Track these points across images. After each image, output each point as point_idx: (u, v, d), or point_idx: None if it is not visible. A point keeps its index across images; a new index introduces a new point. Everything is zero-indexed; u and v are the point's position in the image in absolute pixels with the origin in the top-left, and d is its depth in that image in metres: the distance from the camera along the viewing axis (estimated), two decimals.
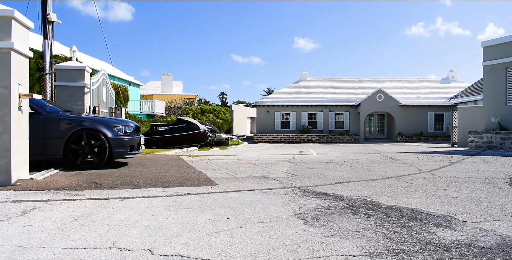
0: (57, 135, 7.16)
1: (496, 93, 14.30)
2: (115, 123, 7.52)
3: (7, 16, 5.30)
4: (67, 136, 7.14)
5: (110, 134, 7.29)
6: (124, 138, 7.50)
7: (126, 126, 7.66)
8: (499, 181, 5.94)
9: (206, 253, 2.60)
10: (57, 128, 7.19)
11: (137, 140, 7.90)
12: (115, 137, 7.34)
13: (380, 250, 2.67)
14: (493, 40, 14.61)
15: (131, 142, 7.65)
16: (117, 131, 7.43)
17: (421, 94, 33.32)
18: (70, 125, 7.20)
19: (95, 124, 7.29)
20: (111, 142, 7.26)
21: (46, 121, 7.17)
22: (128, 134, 7.65)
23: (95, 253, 2.60)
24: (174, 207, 4.11)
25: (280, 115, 33.51)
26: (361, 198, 4.60)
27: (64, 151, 7.16)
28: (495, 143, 13.63)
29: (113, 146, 7.28)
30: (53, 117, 7.32)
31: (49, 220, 3.51)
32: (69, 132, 7.15)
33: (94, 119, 7.48)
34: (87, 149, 7.33)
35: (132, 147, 7.71)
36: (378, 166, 8.28)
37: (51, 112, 7.45)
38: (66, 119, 7.30)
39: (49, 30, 11.12)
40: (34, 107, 7.20)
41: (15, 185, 5.30)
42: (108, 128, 7.32)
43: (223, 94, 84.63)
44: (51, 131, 7.16)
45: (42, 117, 7.19)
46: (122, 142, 7.44)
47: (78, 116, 7.63)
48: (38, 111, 7.22)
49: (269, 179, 6.33)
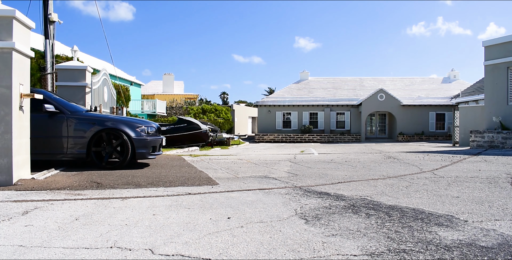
0: (81, 134, 7.14)
1: (498, 93, 14.28)
2: (138, 124, 7.46)
3: (8, 16, 5.31)
4: (91, 135, 7.12)
5: (133, 134, 7.25)
6: (147, 138, 7.43)
7: (148, 127, 7.59)
8: (500, 180, 5.93)
9: (207, 253, 2.60)
10: (81, 128, 7.17)
11: (159, 140, 7.82)
12: (138, 137, 7.28)
13: (381, 249, 2.67)
14: (495, 39, 14.58)
15: (153, 143, 7.57)
16: (140, 131, 7.37)
17: (423, 93, 33.29)
18: (94, 125, 7.17)
19: (118, 124, 7.25)
20: (134, 142, 7.21)
21: (70, 121, 7.16)
22: (150, 134, 7.58)
23: (96, 252, 2.60)
24: (175, 206, 4.11)
25: (281, 115, 33.51)
26: (362, 198, 4.59)
27: (87, 151, 7.14)
28: (497, 142, 13.61)
29: (136, 146, 7.23)
30: (77, 116, 7.28)
31: (50, 219, 3.51)
32: (93, 131, 7.13)
33: (117, 120, 7.44)
34: (109, 149, 7.29)
35: (154, 148, 7.63)
36: (380, 166, 8.27)
37: (74, 111, 7.40)
38: (89, 119, 7.27)
39: (51, 30, 11.12)
40: (58, 106, 7.20)
41: (16, 185, 5.30)
42: (131, 129, 7.27)
43: (224, 94, 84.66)
44: (75, 130, 7.15)
45: (66, 117, 7.17)
46: (145, 143, 7.37)
47: (101, 116, 7.60)
48: (62, 111, 7.20)
49: (270, 178, 6.33)
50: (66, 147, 7.12)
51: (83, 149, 7.14)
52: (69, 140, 7.12)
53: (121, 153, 7.34)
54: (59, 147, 7.11)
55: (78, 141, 7.13)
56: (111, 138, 7.31)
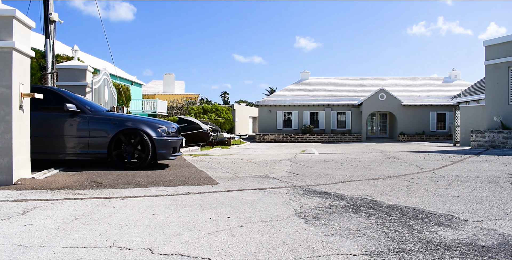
0: (102, 134, 7.10)
1: (499, 93, 14.26)
2: (159, 124, 7.39)
3: (8, 15, 5.31)
4: (112, 135, 7.07)
5: (154, 134, 7.18)
6: (168, 139, 7.35)
7: (169, 127, 7.52)
8: (501, 180, 5.92)
9: (206, 252, 2.60)
10: (102, 127, 7.13)
11: (179, 141, 7.74)
12: (159, 138, 7.21)
13: (381, 249, 2.66)
14: (496, 39, 14.56)
15: (174, 143, 7.50)
16: (161, 131, 7.30)
17: (424, 93, 33.26)
18: (115, 125, 7.12)
19: (139, 125, 7.19)
20: (155, 142, 7.14)
21: (91, 121, 7.13)
22: (171, 135, 7.51)
23: (95, 252, 2.60)
24: (175, 206, 4.11)
25: (282, 114, 33.50)
26: (362, 197, 4.59)
27: (108, 151, 7.09)
28: (498, 142, 13.59)
29: (157, 146, 7.16)
30: (98, 116, 7.25)
31: (50, 219, 3.51)
32: (114, 131, 7.08)
33: (138, 120, 7.38)
34: (130, 149, 7.23)
35: (174, 149, 7.56)
36: (380, 165, 8.26)
37: (95, 111, 7.37)
38: (111, 119, 7.23)
39: (51, 29, 11.11)
40: (79, 106, 7.17)
41: (16, 184, 5.31)
42: (152, 129, 7.21)
43: (225, 94, 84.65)
44: (96, 130, 7.12)
45: (87, 116, 7.14)
46: (166, 143, 7.30)
47: (122, 116, 7.55)
48: (84, 110, 7.18)
49: (271, 178, 6.33)
50: (88, 147, 7.08)
51: (104, 149, 7.09)
52: (90, 140, 7.08)
53: (141, 153, 7.26)
54: (81, 146, 7.07)
55: (99, 141, 7.08)
56: (132, 138, 7.24)
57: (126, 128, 7.13)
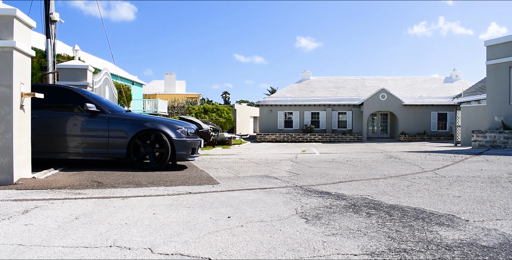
0: (121, 134, 7.05)
1: (500, 93, 14.23)
2: (178, 125, 7.32)
3: (9, 15, 5.31)
4: (132, 136, 7.01)
5: (174, 135, 7.11)
6: (187, 140, 7.27)
7: (188, 128, 7.45)
8: (502, 180, 5.91)
9: (207, 252, 2.59)
10: (122, 128, 7.08)
11: (198, 142, 7.64)
12: (179, 139, 7.14)
13: (382, 249, 2.66)
14: (497, 39, 14.54)
15: (193, 145, 7.42)
16: (180, 132, 7.22)
17: (425, 93, 33.22)
18: (135, 126, 7.06)
19: (158, 125, 7.12)
20: (174, 143, 7.06)
21: (111, 121, 7.09)
22: (190, 136, 7.43)
23: (95, 252, 2.60)
24: (175, 206, 4.10)
25: (283, 114, 33.48)
26: (363, 197, 4.58)
27: (127, 151, 7.05)
28: (499, 142, 13.57)
29: (177, 148, 7.08)
30: (118, 116, 7.20)
31: (50, 218, 3.51)
32: (133, 132, 7.02)
33: (157, 120, 7.32)
34: (149, 150, 7.17)
35: (193, 150, 7.47)
36: (381, 165, 8.25)
37: (115, 111, 7.32)
38: (130, 119, 7.17)
39: (52, 29, 11.12)
40: (99, 105, 7.15)
41: (17, 184, 5.30)
42: (171, 130, 7.14)
43: (226, 94, 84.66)
44: (116, 131, 7.07)
45: (107, 116, 7.10)
46: (185, 144, 7.22)
47: (141, 116, 7.50)
48: (103, 110, 7.15)
49: (271, 178, 6.32)
50: (107, 147, 7.04)
51: (124, 149, 7.03)
52: (110, 140, 7.03)
53: (160, 154, 7.20)
54: (100, 147, 7.04)
55: (118, 141, 7.03)
56: (151, 139, 7.18)
57: (145, 129, 7.06)
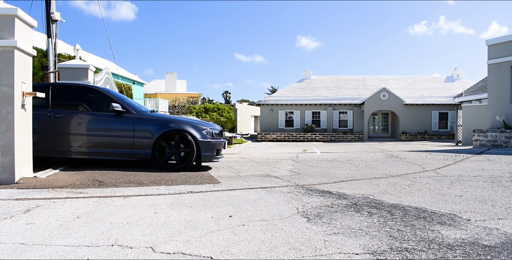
0: (147, 135, 7.01)
1: (501, 92, 14.22)
2: (204, 126, 7.27)
3: (10, 14, 5.31)
4: (157, 136, 6.96)
5: (199, 136, 7.05)
6: (212, 141, 7.21)
7: (213, 129, 7.40)
8: (503, 179, 5.90)
9: (208, 251, 2.59)
10: (147, 128, 7.04)
11: (222, 143, 7.59)
12: (204, 140, 7.08)
13: (383, 248, 2.66)
14: (498, 38, 14.51)
15: (218, 146, 7.37)
16: (205, 133, 7.17)
17: (426, 93, 33.20)
18: (160, 126, 7.01)
19: (183, 126, 7.06)
20: (200, 144, 7.01)
21: (136, 121, 7.05)
22: (214, 137, 7.38)
23: (97, 250, 2.60)
24: (176, 205, 4.10)
25: (284, 114, 33.48)
26: (364, 196, 4.58)
27: (152, 152, 7.01)
28: (500, 141, 13.55)
29: (202, 148, 7.03)
30: (143, 117, 7.16)
31: (52, 217, 3.51)
32: (159, 132, 6.97)
33: (182, 121, 7.25)
34: (174, 151, 7.12)
35: (218, 151, 7.42)
36: (382, 165, 8.25)
37: (140, 111, 7.28)
38: (155, 120, 7.13)
39: (53, 29, 11.13)
40: (124, 105, 7.12)
41: (18, 183, 5.31)
42: (197, 131, 7.08)
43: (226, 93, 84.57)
44: (141, 131, 7.03)
45: (132, 117, 7.07)
46: (210, 145, 7.16)
47: (166, 117, 7.46)
48: (129, 111, 7.11)
49: (272, 177, 6.32)
50: (132, 147, 7.01)
51: (149, 150, 6.99)
52: (135, 140, 7.00)
53: (185, 154, 7.16)
54: (126, 147, 7.01)
55: (144, 142, 6.99)
56: (176, 139, 7.13)
57: (171, 130, 7.01)
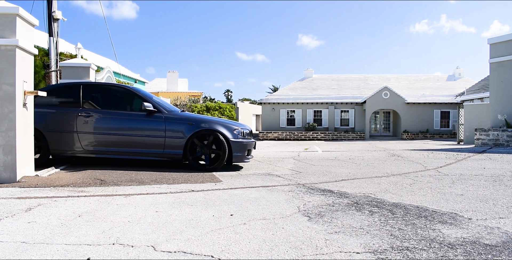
0: (178, 135, 6.95)
1: (503, 91, 14.18)
2: (235, 126, 7.21)
3: (11, 13, 5.31)
4: (188, 136, 6.90)
5: (231, 136, 6.99)
6: (243, 141, 7.13)
7: (244, 129, 7.33)
8: (505, 178, 5.89)
9: (209, 250, 2.60)
10: (179, 128, 6.97)
11: (253, 144, 7.51)
12: (235, 140, 7.02)
13: (384, 247, 2.66)
14: (500, 37, 14.47)
15: (249, 146, 7.29)
16: (237, 133, 7.11)
17: (427, 91, 33.14)
18: (192, 126, 6.95)
19: (215, 126, 7.00)
20: (231, 144, 6.95)
21: (167, 121, 7.00)
22: (245, 137, 7.31)
23: (98, 249, 2.60)
24: (178, 203, 4.11)
25: (285, 112, 33.48)
26: (365, 195, 4.58)
27: (183, 152, 6.96)
28: (502, 140, 13.53)
29: (233, 149, 6.97)
30: (174, 116, 7.11)
31: (53, 216, 3.52)
32: (190, 132, 6.91)
33: (213, 121, 7.19)
34: (206, 151, 7.04)
35: (249, 151, 7.35)
36: (383, 163, 8.24)
37: (171, 111, 7.23)
38: (187, 119, 7.07)
39: (54, 27, 11.15)
40: (155, 105, 7.08)
41: (20, 182, 5.32)
42: (228, 131, 7.02)
43: (228, 92, 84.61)
44: (173, 131, 6.98)
45: (164, 116, 7.03)
46: (242, 145, 7.09)
47: (197, 117, 7.40)
48: (160, 110, 7.07)
49: (274, 176, 6.32)
50: (164, 147, 6.97)
51: (180, 150, 6.94)
52: (167, 140, 6.95)
53: (217, 155, 7.07)
54: (157, 146, 6.97)
55: (175, 141, 6.94)
56: (207, 139, 7.06)
57: (202, 129, 6.95)
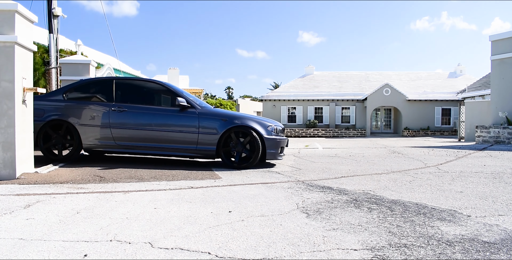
0: (212, 131, 6.87)
1: (504, 88, 14.13)
2: (268, 122, 7.15)
3: (10, 9, 5.29)
4: (222, 132, 6.83)
5: (265, 133, 6.91)
6: (276, 138, 7.05)
7: (277, 126, 7.27)
8: (505, 175, 5.88)
9: (207, 246, 2.59)
10: (212, 124, 6.89)
11: (285, 141, 7.43)
12: (269, 137, 6.94)
13: (382, 244, 2.65)
14: (502, 34, 14.41)
15: (282, 143, 7.24)
16: (270, 130, 7.04)
17: (428, 88, 33.07)
18: (225, 122, 6.87)
19: (249, 122, 6.91)
20: (265, 141, 6.87)
21: (201, 116, 6.93)
22: (278, 134, 7.24)
23: (95, 246, 2.60)
24: (177, 200, 4.11)
25: (286, 109, 33.44)
26: (365, 192, 4.57)
27: (216, 148, 6.88)
28: (503, 137, 13.50)
29: (267, 146, 6.89)
30: (208, 112, 7.03)
31: (51, 213, 3.52)
32: (224, 128, 6.83)
33: (246, 117, 7.11)
34: (239, 148, 6.94)
35: (282, 148, 7.28)
36: (384, 160, 8.23)
37: (203, 107, 7.16)
38: (220, 115, 6.98)
39: (54, 24, 11.12)
40: (190, 101, 7.02)
41: (19, 179, 5.32)
42: (262, 127, 6.94)
43: (229, 89, 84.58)
44: (206, 127, 6.89)
45: (197, 112, 6.96)
46: (276, 142, 7.02)
47: (230, 113, 7.32)
48: (193, 106, 7.01)
49: (273, 172, 6.32)
50: (197, 143, 6.88)
51: (213, 146, 6.86)
52: (200, 136, 6.87)
53: (251, 152, 6.97)
54: (190, 142, 6.89)
55: (208, 138, 6.86)
56: (240, 136, 7.00)
57: (236, 126, 6.87)
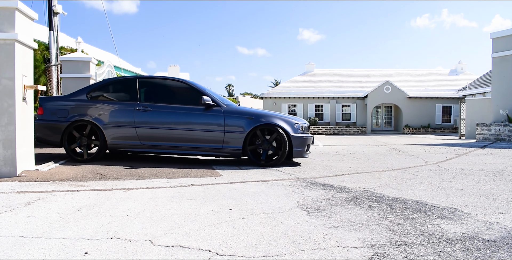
0: (238, 129, 6.77)
1: (505, 85, 14.11)
2: (294, 120, 7.04)
3: (10, 7, 5.28)
4: (248, 131, 6.73)
5: (291, 131, 6.82)
6: (303, 136, 6.93)
7: (303, 124, 7.18)
8: (506, 173, 5.88)
9: (207, 244, 2.59)
10: (238, 122, 6.79)
11: (311, 139, 7.28)
12: (296, 135, 6.85)
13: (383, 242, 2.65)
14: (503, 31, 14.38)
15: (308, 141, 7.11)
16: (297, 128, 6.94)
17: (429, 86, 33.03)
18: (251, 120, 6.77)
19: (275, 120, 6.82)
20: (292, 139, 6.78)
21: (226, 115, 6.82)
22: (304, 132, 7.14)
23: (96, 243, 2.60)
24: (177, 198, 4.11)
25: (286, 107, 33.43)
26: (365, 190, 4.57)
27: (243, 147, 6.79)
28: (503, 135, 13.49)
29: (294, 144, 6.79)
30: (233, 110, 6.93)
31: (52, 210, 3.52)
32: (250, 126, 6.73)
33: (272, 115, 7.00)
34: (266, 146, 6.85)
35: (308, 146, 7.16)
36: (384, 158, 8.23)
37: (228, 105, 7.05)
38: (246, 114, 6.89)
39: (55, 21, 11.11)
40: (215, 99, 6.90)
41: (20, 176, 5.33)
42: (289, 125, 6.85)
43: (229, 86, 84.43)
44: (232, 125, 6.79)
45: (222, 110, 6.85)
46: (302, 140, 6.92)
47: (255, 111, 7.21)
48: (219, 104, 6.89)
49: (274, 170, 6.32)
50: (223, 142, 6.79)
51: (239, 145, 6.76)
52: (226, 135, 6.77)
53: (277, 150, 6.89)
54: (216, 141, 6.80)
55: (235, 136, 6.76)
56: (267, 134, 6.93)
57: (262, 124, 6.78)
